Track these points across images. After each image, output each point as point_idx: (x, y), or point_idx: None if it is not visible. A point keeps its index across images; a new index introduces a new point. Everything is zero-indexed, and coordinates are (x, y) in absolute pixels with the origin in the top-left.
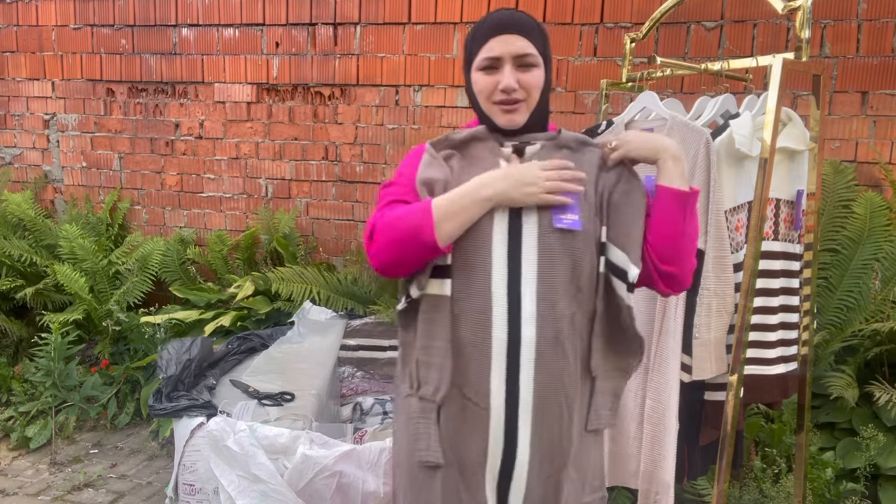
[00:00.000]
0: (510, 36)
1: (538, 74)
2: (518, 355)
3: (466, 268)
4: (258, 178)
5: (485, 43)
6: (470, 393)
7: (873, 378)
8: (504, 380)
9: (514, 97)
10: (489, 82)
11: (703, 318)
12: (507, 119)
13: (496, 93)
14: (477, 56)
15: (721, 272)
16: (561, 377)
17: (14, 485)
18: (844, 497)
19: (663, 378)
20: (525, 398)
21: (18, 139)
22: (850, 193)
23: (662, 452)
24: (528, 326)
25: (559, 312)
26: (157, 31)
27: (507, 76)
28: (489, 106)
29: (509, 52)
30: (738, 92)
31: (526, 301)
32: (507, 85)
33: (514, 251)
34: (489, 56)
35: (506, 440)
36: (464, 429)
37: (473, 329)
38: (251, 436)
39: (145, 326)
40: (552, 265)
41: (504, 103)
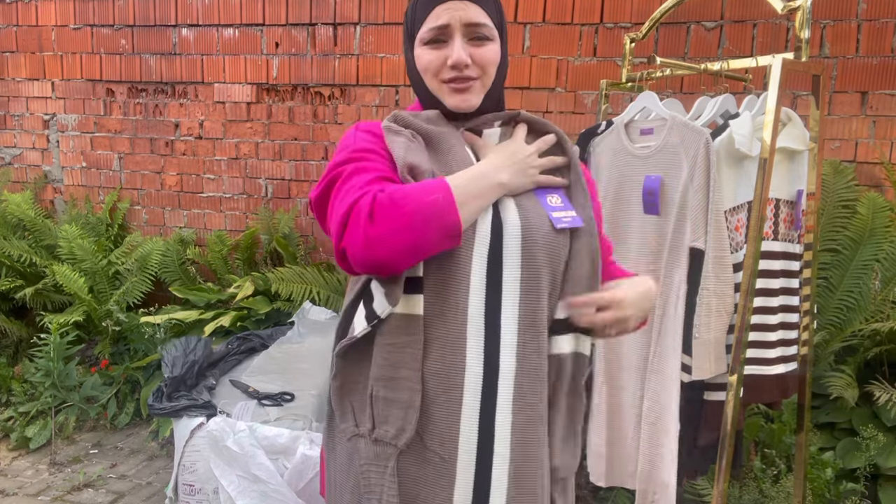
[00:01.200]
0: (459, 2)
1: (494, 49)
2: (495, 393)
3: (440, 282)
4: (258, 179)
5: (429, 11)
6: (432, 442)
7: (873, 378)
8: (477, 424)
9: (466, 74)
10: (436, 57)
11: (703, 318)
12: (459, 99)
13: (444, 70)
14: (421, 28)
15: (721, 272)
16: (541, 425)
17: (14, 485)
18: (844, 497)
19: (662, 378)
20: (501, 449)
21: (18, 139)
22: (849, 193)
23: (660, 452)
24: (507, 357)
25: (541, 344)
26: (157, 31)
27: (458, 49)
28: (437, 85)
29: (459, 20)
30: (738, 92)
31: (506, 324)
32: (457, 59)
33: (495, 257)
34: (435, 25)
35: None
36: (423, 487)
37: (442, 358)
38: (251, 436)
39: (145, 326)
40: (536, 280)
41: (454, 81)
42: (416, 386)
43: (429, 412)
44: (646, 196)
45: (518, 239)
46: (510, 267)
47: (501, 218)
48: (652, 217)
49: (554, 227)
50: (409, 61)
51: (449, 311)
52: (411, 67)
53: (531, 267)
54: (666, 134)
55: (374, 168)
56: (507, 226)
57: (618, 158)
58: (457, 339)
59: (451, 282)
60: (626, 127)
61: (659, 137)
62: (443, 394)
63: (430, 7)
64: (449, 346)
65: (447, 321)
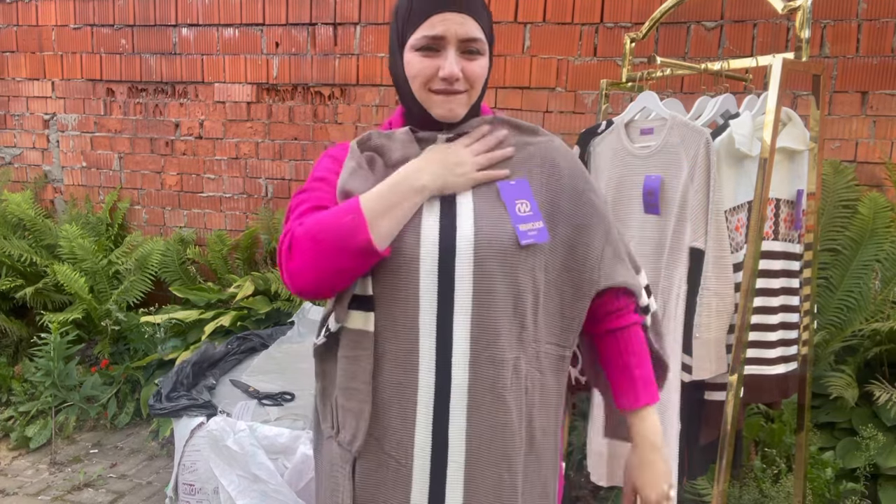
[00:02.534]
0: (456, 14)
1: (483, 64)
2: (447, 405)
3: (390, 298)
4: (258, 178)
5: (425, 19)
6: (390, 447)
7: (873, 378)
8: (430, 433)
9: (455, 87)
10: (427, 66)
11: (703, 317)
12: (447, 109)
13: (435, 80)
14: (413, 33)
15: (721, 272)
16: (502, 436)
17: (14, 485)
18: (844, 497)
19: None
20: (455, 457)
21: (18, 139)
22: (850, 193)
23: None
24: (460, 370)
25: (497, 356)
26: (157, 31)
27: (451, 62)
28: (424, 94)
29: (455, 34)
30: (738, 92)
31: (458, 337)
32: (450, 72)
33: (446, 273)
34: (430, 35)
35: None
36: (381, 490)
37: (396, 372)
38: (251, 436)
39: (145, 326)
40: (490, 293)
41: (443, 92)
42: (365, 398)
43: (386, 419)
44: (646, 196)
45: (469, 255)
46: (461, 281)
47: (455, 228)
48: (652, 217)
49: (518, 241)
50: (394, 62)
51: (399, 327)
52: (397, 69)
53: (484, 282)
54: (666, 134)
55: (315, 198)
56: (459, 241)
57: (618, 158)
58: (408, 353)
59: (400, 299)
60: (626, 127)
61: (659, 137)
62: (397, 404)
63: (425, 14)
64: (401, 361)
65: (398, 336)
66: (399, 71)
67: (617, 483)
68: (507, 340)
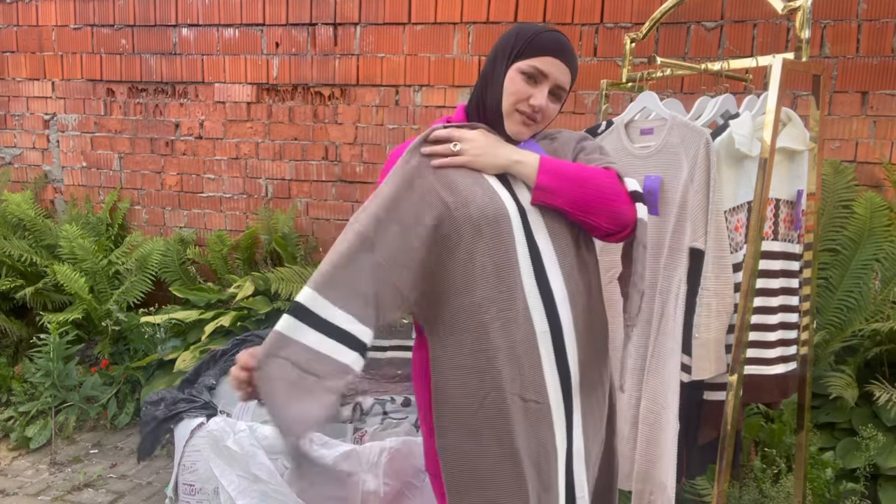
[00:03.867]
0: (564, 66)
1: (557, 108)
2: (563, 343)
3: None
4: (258, 179)
5: (541, 55)
6: (529, 394)
7: (873, 378)
8: (556, 371)
9: (535, 116)
10: (525, 90)
11: (703, 318)
12: (520, 130)
13: (524, 103)
14: (527, 59)
15: (720, 272)
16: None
17: (14, 485)
18: (844, 497)
19: (660, 380)
20: (574, 384)
21: (18, 139)
22: (850, 193)
23: (658, 453)
24: (563, 310)
25: (581, 286)
26: (157, 31)
27: (542, 97)
28: (510, 109)
29: (556, 79)
30: (738, 92)
31: (554, 282)
32: (538, 104)
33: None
34: (541, 69)
35: (567, 430)
36: (534, 430)
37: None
38: (251, 436)
39: (145, 326)
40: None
41: (526, 116)
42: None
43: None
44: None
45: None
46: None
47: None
48: (652, 217)
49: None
50: (494, 70)
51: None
52: (496, 76)
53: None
54: (666, 134)
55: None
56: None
57: (617, 158)
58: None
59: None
60: (626, 127)
61: (659, 137)
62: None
63: (543, 52)
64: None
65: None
66: (497, 79)
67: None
68: (581, 272)
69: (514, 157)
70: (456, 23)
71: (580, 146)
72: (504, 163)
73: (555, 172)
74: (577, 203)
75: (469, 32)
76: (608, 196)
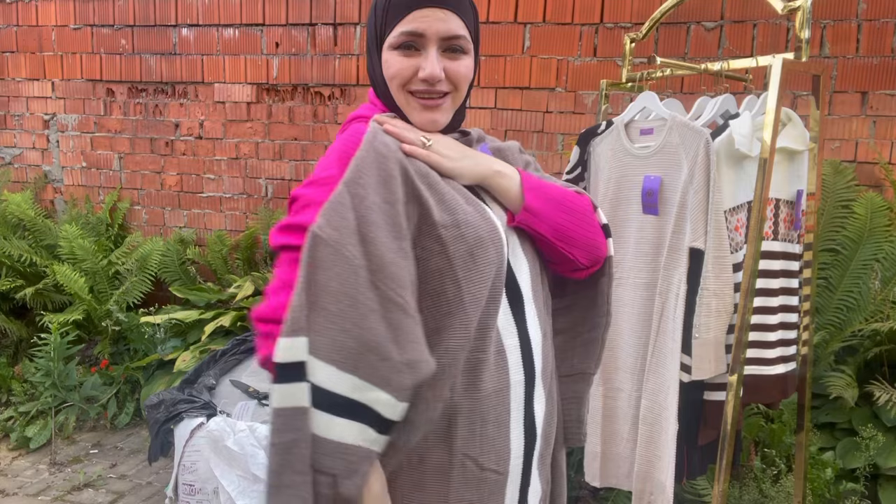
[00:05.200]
0: (438, 10)
1: (469, 64)
2: (532, 395)
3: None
4: (258, 179)
5: (404, 14)
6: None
7: (873, 378)
8: (522, 431)
9: (438, 88)
10: (407, 66)
11: (703, 318)
12: (427, 118)
13: (415, 80)
14: (392, 30)
15: (720, 272)
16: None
17: (14, 485)
18: (844, 497)
19: (660, 379)
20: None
21: (18, 139)
22: (849, 193)
23: (657, 453)
24: (538, 356)
25: (548, 325)
26: (157, 31)
27: (433, 62)
28: (403, 97)
29: (437, 31)
30: (738, 92)
31: (531, 321)
32: (431, 73)
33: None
34: (409, 31)
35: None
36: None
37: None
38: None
39: (145, 326)
40: (533, 268)
41: (424, 96)
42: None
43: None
44: (644, 196)
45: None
46: (520, 268)
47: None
48: (651, 217)
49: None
50: (371, 63)
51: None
52: (374, 70)
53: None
54: (666, 134)
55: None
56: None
57: (617, 158)
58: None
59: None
60: (626, 127)
61: (659, 137)
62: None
63: (404, 11)
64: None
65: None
66: (377, 72)
67: (610, 483)
68: (546, 309)
69: (496, 167)
70: None
71: (524, 159)
72: (484, 171)
73: (539, 191)
74: (560, 231)
75: None
76: (587, 226)
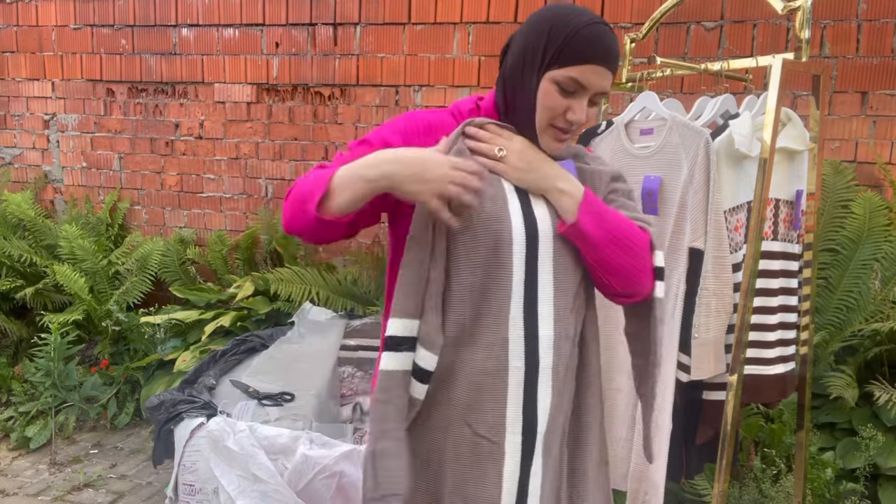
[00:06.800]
0: (606, 71)
1: (595, 113)
2: (536, 384)
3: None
4: (258, 179)
5: (580, 63)
6: (484, 429)
7: (873, 378)
8: (521, 411)
9: (571, 130)
10: (561, 104)
11: (702, 318)
12: (555, 146)
13: (560, 118)
14: (564, 68)
15: (720, 272)
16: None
17: (14, 485)
18: (844, 497)
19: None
20: (540, 435)
21: (18, 139)
22: (849, 193)
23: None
24: (545, 352)
25: (571, 332)
26: (157, 31)
27: (581, 111)
28: (544, 124)
29: (598, 87)
30: (738, 92)
31: (543, 322)
32: (579, 119)
33: (531, 262)
34: (578, 81)
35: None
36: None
37: (489, 360)
38: (251, 436)
39: (145, 326)
40: (565, 276)
41: (561, 130)
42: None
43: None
44: (644, 196)
45: (549, 242)
46: (543, 267)
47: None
48: (651, 217)
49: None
50: (524, 75)
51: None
52: (526, 84)
53: (560, 266)
54: (666, 134)
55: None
56: (541, 228)
57: (617, 159)
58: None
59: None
60: (626, 127)
61: (659, 137)
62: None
63: (580, 59)
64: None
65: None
66: (528, 87)
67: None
68: (576, 316)
69: (560, 184)
70: (456, 23)
71: (612, 187)
72: (548, 187)
73: (596, 215)
74: (601, 258)
75: (469, 32)
76: (635, 264)
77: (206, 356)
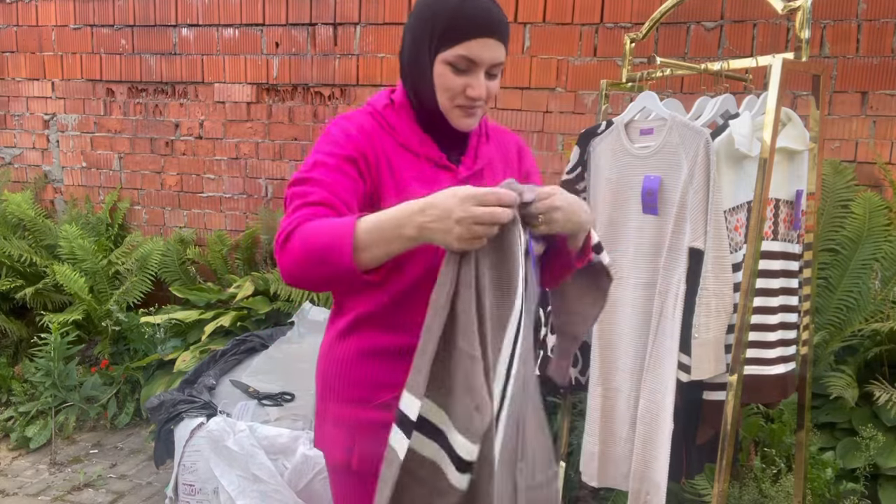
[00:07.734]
0: (494, 42)
1: (498, 83)
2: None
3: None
4: (258, 179)
5: (465, 40)
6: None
7: (873, 378)
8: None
9: (477, 104)
10: (458, 83)
11: (702, 318)
12: (467, 123)
13: (461, 96)
14: (450, 48)
15: (720, 272)
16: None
17: (14, 485)
18: (844, 497)
19: (658, 378)
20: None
21: (18, 139)
22: (849, 193)
23: (654, 453)
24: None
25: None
26: (157, 31)
27: (480, 85)
28: (448, 106)
29: (490, 59)
30: (738, 92)
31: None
32: (479, 94)
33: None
34: (467, 57)
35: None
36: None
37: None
38: (251, 436)
39: (145, 326)
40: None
41: (466, 107)
42: None
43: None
44: (644, 196)
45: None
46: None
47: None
48: (651, 217)
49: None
50: (418, 62)
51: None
52: (422, 71)
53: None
54: (666, 134)
55: (316, 191)
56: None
57: (617, 159)
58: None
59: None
60: (625, 127)
61: (659, 137)
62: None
63: (466, 36)
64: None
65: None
66: (424, 74)
67: (608, 484)
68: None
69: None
70: None
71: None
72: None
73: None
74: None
75: None
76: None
77: (206, 356)
